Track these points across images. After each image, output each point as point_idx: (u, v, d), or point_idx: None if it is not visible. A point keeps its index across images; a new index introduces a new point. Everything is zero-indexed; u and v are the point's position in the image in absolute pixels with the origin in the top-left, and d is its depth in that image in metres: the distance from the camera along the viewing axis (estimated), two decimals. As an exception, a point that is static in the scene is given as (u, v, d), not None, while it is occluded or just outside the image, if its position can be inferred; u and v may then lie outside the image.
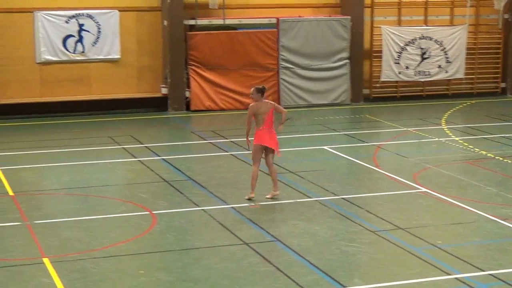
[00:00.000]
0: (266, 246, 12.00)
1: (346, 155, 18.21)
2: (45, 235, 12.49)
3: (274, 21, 25.08)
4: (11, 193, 14.99)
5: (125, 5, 24.47)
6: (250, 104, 14.45)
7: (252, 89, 14.51)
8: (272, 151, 14.40)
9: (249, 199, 14.37)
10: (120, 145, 19.45)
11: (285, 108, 15.29)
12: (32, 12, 23.71)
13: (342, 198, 14.58)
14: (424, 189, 15.18)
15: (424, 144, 19.75)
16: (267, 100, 14.53)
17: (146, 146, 19.21)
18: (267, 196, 14.50)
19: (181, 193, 14.93)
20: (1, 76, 23.49)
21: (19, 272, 11.02)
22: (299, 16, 25.40)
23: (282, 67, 25.12)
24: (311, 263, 11.24)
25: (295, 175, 16.26)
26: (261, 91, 14.38)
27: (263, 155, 14.45)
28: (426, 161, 17.50)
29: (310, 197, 14.69)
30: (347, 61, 25.65)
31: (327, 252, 11.74)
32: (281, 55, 25.08)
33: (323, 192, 14.99)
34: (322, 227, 12.93)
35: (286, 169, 16.71)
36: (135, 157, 18.09)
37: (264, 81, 24.76)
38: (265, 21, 25.13)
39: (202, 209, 13.92)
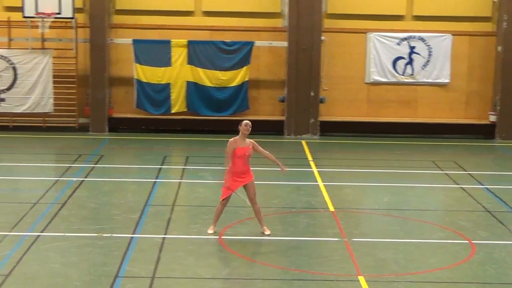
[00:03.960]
0: None
1: None
2: (361, 253, 12.55)
3: None
4: (332, 208, 15.27)
5: (459, 29, 24.16)
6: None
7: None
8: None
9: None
10: (442, 170, 19.14)
11: None
12: (365, 33, 24.16)
13: None
14: None
15: None
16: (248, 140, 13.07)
17: (469, 173, 18.73)
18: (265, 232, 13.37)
19: (503, 224, 14.35)
20: (331, 94, 24.13)
21: (335, 287, 11.15)
22: None
23: None
24: None
25: None
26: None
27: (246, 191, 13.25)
28: None
29: None
30: None
31: None
32: None
33: None
34: None
35: None
36: (456, 184, 17.70)
37: None
38: None
39: (525, 244, 13.28)
